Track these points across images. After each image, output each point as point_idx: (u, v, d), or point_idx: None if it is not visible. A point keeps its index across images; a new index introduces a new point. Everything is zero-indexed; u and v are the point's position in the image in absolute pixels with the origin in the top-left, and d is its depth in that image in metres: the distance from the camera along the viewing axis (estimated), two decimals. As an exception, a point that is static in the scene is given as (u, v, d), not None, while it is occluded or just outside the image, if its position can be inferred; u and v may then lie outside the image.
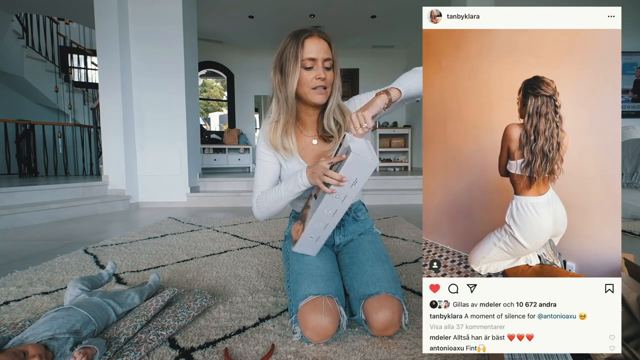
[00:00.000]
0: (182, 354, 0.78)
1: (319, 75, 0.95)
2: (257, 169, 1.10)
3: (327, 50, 0.96)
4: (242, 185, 3.95)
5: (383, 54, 6.71)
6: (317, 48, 0.94)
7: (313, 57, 0.94)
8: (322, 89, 0.97)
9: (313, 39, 0.94)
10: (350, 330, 0.88)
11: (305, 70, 0.95)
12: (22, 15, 5.64)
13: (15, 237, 2.12)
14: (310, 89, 0.97)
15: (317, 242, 0.96)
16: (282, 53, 0.96)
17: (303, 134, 1.08)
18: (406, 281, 1.25)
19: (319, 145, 1.08)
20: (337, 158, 0.86)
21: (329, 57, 0.96)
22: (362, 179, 0.84)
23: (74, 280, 0.98)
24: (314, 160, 1.05)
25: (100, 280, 1.06)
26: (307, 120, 1.07)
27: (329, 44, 0.96)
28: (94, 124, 4.44)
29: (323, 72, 0.95)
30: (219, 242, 1.91)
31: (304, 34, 0.94)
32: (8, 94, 5.74)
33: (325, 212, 0.88)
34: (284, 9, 4.96)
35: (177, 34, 3.40)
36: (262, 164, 1.08)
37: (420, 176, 4.06)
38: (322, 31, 0.96)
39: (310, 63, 0.94)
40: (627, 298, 0.65)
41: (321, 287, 0.86)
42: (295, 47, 0.93)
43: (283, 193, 0.99)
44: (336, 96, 1.01)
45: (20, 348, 0.67)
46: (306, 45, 0.93)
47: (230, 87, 6.94)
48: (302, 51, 0.93)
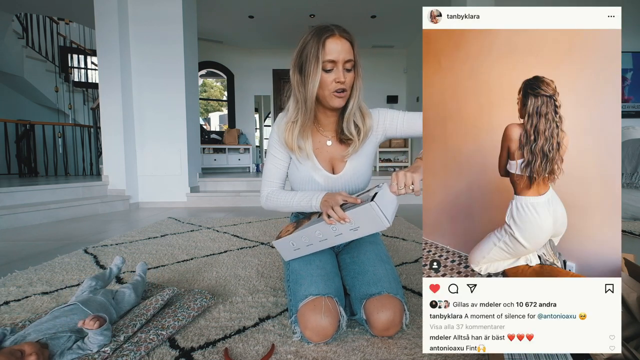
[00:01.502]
0: (182, 354, 0.78)
1: (339, 79, 0.90)
2: (267, 162, 1.07)
3: (349, 51, 0.91)
4: (242, 185, 3.95)
5: (383, 54, 6.71)
6: (338, 49, 0.89)
7: (333, 59, 0.89)
8: (342, 92, 0.93)
9: (335, 39, 0.89)
10: (350, 330, 0.88)
11: (325, 73, 0.91)
12: (22, 15, 5.64)
13: (15, 237, 2.12)
14: (329, 92, 0.93)
15: (295, 252, 0.95)
16: (302, 51, 0.92)
17: (319, 132, 1.05)
18: (406, 281, 1.25)
19: (333, 146, 1.05)
20: (353, 199, 0.84)
21: (350, 59, 0.91)
22: (364, 230, 0.82)
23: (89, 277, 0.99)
24: (327, 161, 1.04)
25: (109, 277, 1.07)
26: (325, 121, 1.04)
27: (351, 44, 0.91)
28: (94, 124, 4.44)
29: (343, 74, 0.91)
30: (219, 242, 1.91)
31: (325, 33, 0.89)
32: (8, 94, 5.73)
33: (315, 233, 0.88)
34: (284, 9, 4.96)
35: (177, 34, 3.40)
36: (274, 160, 1.05)
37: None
38: (344, 30, 0.91)
39: (330, 65, 0.90)
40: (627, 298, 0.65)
41: (321, 287, 0.86)
42: (316, 47, 0.88)
43: (294, 205, 0.98)
44: (357, 98, 0.96)
45: (16, 347, 0.67)
46: (327, 46, 0.88)
47: (230, 87, 6.94)
48: (323, 52, 0.88)
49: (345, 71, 0.91)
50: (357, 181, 1.06)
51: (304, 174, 1.04)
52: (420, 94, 5.96)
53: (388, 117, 1.05)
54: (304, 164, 1.03)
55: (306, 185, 1.05)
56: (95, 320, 0.72)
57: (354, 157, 1.04)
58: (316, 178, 1.03)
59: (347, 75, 0.92)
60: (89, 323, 0.71)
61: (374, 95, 6.75)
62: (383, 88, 6.81)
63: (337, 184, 1.04)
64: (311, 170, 1.03)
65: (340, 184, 1.04)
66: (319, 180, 1.03)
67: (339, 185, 1.04)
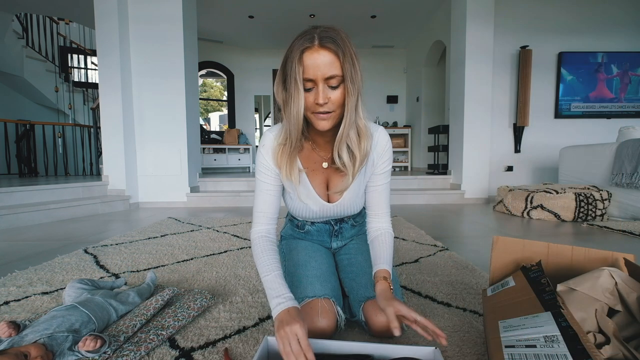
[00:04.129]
0: (182, 354, 0.78)
1: (317, 100, 0.74)
2: (256, 190, 0.91)
3: (332, 65, 0.72)
4: (242, 185, 3.95)
5: (383, 54, 6.71)
6: (315, 64, 0.72)
7: (311, 78, 0.73)
8: (325, 114, 0.77)
9: (312, 52, 0.72)
10: (350, 330, 0.88)
11: (306, 92, 0.75)
12: (22, 15, 5.64)
13: (15, 237, 2.12)
14: (312, 114, 0.78)
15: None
16: (285, 63, 0.76)
17: (315, 152, 0.91)
18: (406, 281, 1.25)
19: (329, 170, 0.92)
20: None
21: (334, 74, 0.73)
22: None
23: (73, 280, 0.98)
24: (321, 186, 0.93)
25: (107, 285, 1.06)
26: (321, 141, 0.90)
27: (336, 56, 0.72)
28: (94, 124, 4.44)
29: (323, 94, 0.73)
30: (219, 242, 1.91)
31: (304, 44, 0.72)
32: (8, 94, 5.73)
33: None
34: (284, 9, 4.96)
35: (177, 33, 3.40)
36: (263, 186, 0.89)
37: (420, 176, 4.06)
38: (329, 38, 0.72)
39: (309, 84, 0.74)
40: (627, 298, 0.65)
41: (317, 288, 0.85)
42: (296, 64, 0.72)
43: (263, 283, 0.80)
44: (349, 119, 0.78)
45: (22, 349, 0.67)
46: (305, 62, 0.72)
47: (230, 87, 6.94)
48: (300, 69, 0.72)
49: (329, 89, 0.74)
50: (354, 208, 0.98)
51: (297, 202, 0.95)
52: (420, 93, 5.96)
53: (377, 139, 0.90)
54: (297, 188, 0.90)
55: (301, 212, 0.98)
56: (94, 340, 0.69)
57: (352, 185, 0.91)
58: (311, 206, 0.94)
59: (331, 94, 0.75)
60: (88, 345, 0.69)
61: (374, 95, 6.76)
62: (383, 88, 6.81)
63: (333, 211, 0.97)
64: (305, 198, 0.93)
65: (336, 211, 0.97)
66: (314, 209, 0.95)
67: (335, 212, 0.97)
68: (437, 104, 5.78)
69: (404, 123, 6.80)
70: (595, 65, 4.07)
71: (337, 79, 0.74)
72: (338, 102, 0.76)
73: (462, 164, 3.68)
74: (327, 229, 1.06)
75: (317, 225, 1.06)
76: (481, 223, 2.52)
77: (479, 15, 3.55)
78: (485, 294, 0.85)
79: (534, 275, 0.74)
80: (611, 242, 1.90)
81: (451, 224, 2.49)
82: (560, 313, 0.59)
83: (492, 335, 0.66)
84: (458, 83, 3.76)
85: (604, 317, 0.63)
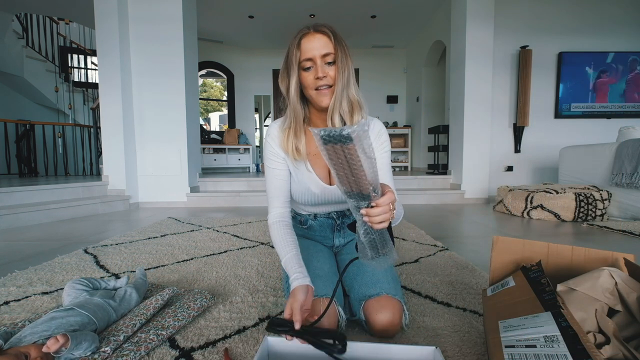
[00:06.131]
0: (182, 354, 0.78)
1: (317, 75, 0.86)
2: (267, 177, 1.00)
3: (326, 44, 0.86)
4: (242, 185, 3.94)
5: (383, 54, 6.71)
6: (312, 46, 0.85)
7: (309, 57, 0.86)
8: (326, 88, 0.87)
9: (309, 36, 0.86)
10: (351, 330, 0.88)
11: (305, 72, 0.87)
12: (22, 15, 5.64)
13: (15, 237, 2.12)
14: (314, 91, 0.88)
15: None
16: (286, 57, 0.90)
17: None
18: (406, 281, 1.25)
19: None
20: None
21: (329, 52, 0.86)
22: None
23: (71, 280, 0.98)
24: (323, 169, 0.98)
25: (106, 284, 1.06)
26: (320, 124, 0.97)
27: (329, 37, 0.86)
28: (94, 124, 4.44)
29: (322, 69, 0.86)
30: (219, 242, 1.91)
31: (301, 33, 0.88)
32: (8, 94, 5.73)
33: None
34: (284, 9, 4.96)
35: (177, 33, 3.40)
36: (273, 172, 0.98)
37: (420, 176, 4.06)
38: (322, 25, 0.87)
39: (309, 63, 0.86)
40: (627, 298, 0.65)
41: (319, 288, 0.86)
42: (295, 49, 0.87)
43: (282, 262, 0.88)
44: (340, 91, 0.87)
45: (22, 350, 0.66)
46: (303, 46, 0.86)
47: (230, 87, 6.94)
48: (299, 53, 0.86)
49: (326, 65, 0.87)
50: None
51: (300, 185, 0.99)
52: (420, 94, 5.96)
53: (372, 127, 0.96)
54: (299, 170, 0.97)
55: (304, 197, 1.01)
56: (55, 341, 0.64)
57: None
58: (312, 189, 0.99)
59: (329, 69, 0.87)
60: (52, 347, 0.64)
61: (374, 95, 6.75)
62: (383, 88, 6.81)
63: (335, 195, 0.99)
64: (307, 180, 0.97)
65: (337, 194, 0.99)
66: (315, 191, 0.99)
67: (336, 195, 0.99)
68: (437, 104, 5.77)
69: (404, 123, 6.80)
70: (595, 65, 4.08)
71: (332, 56, 0.87)
72: (334, 77, 0.88)
73: (462, 164, 3.68)
74: (329, 223, 1.08)
75: (320, 220, 1.07)
76: (481, 223, 2.52)
77: (479, 15, 3.55)
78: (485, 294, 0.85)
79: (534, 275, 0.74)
80: (611, 242, 1.90)
81: (451, 224, 2.49)
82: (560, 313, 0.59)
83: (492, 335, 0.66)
84: (458, 83, 3.76)
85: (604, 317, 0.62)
